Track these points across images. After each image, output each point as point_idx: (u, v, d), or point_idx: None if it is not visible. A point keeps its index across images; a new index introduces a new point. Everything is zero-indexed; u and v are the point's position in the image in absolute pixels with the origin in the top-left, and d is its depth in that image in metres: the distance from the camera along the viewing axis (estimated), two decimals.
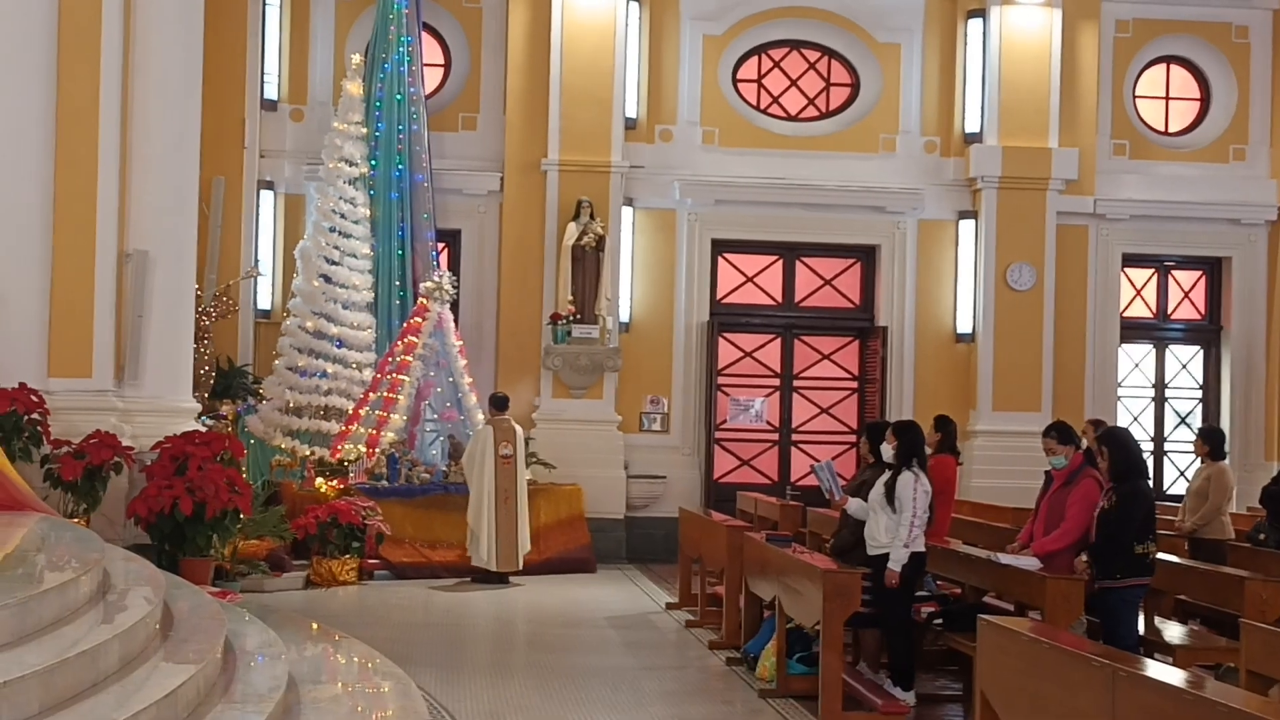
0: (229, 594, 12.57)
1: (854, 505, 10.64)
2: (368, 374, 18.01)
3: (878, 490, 10.11)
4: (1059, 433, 10.33)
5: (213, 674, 7.68)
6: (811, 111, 20.46)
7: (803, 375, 20.51)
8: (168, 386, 14.43)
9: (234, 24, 18.36)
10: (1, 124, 13.29)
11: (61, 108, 13.46)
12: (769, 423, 20.41)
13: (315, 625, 11.99)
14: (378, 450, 16.95)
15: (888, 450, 10.19)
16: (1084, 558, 9.41)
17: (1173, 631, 10.46)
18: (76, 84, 13.49)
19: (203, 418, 15.64)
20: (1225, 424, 19.91)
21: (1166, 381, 21.15)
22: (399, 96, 18.88)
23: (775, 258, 20.46)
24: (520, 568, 16.01)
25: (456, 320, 18.36)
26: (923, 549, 10.01)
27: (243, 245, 18.84)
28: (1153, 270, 21.07)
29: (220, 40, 17.35)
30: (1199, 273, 21.13)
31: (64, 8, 13.47)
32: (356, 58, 18.79)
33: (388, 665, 10.06)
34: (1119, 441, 9.52)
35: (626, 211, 19.50)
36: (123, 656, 7.08)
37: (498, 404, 16.47)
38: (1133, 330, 20.87)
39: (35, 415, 12.69)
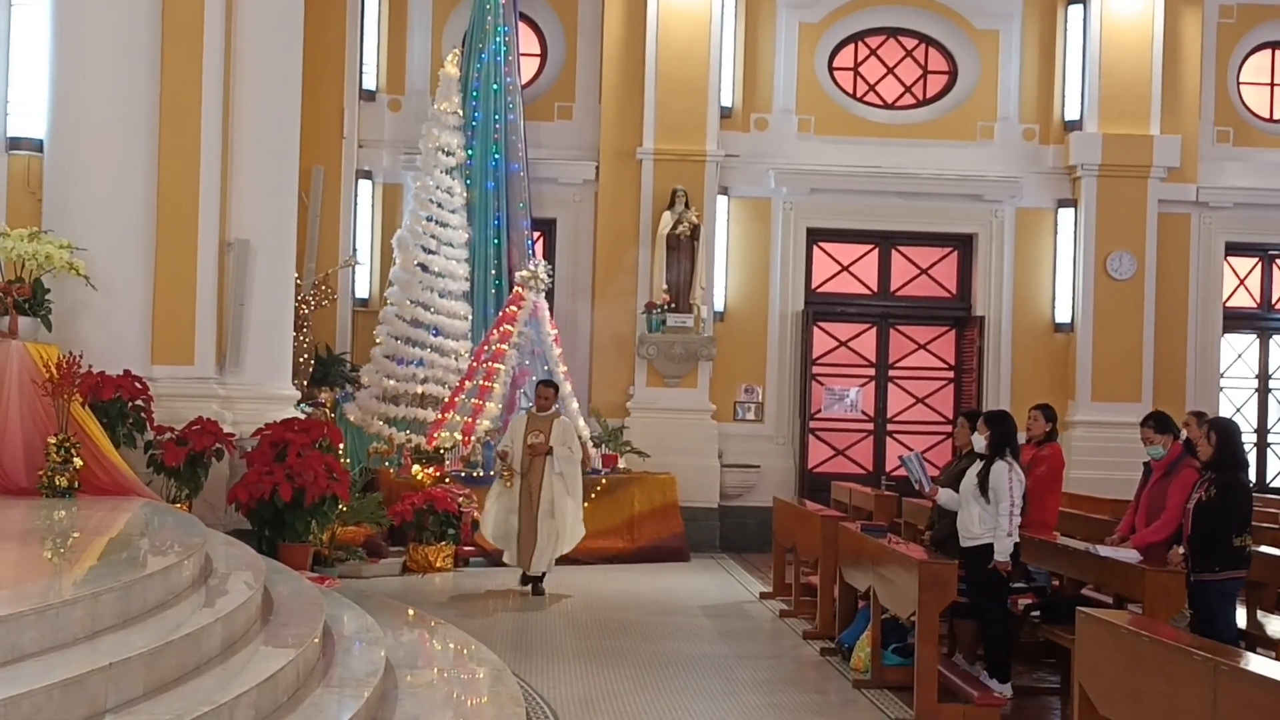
0: (327, 579, 12.71)
1: (944, 496, 10.55)
2: (464, 362, 18.11)
3: (969, 481, 10.01)
4: (1156, 422, 10.26)
5: (312, 658, 7.78)
6: (908, 99, 20.33)
7: (898, 365, 20.39)
8: (268, 374, 14.61)
9: (333, 15, 18.55)
10: (106, 117, 13.48)
11: (164, 100, 13.65)
12: (864, 412, 20.31)
13: (412, 611, 12.10)
14: (473, 438, 17.04)
15: (979, 440, 10.11)
16: (1180, 549, 9.29)
17: (1275, 625, 10.31)
18: (179, 76, 13.66)
19: (302, 405, 15.80)
20: None
21: (1270, 372, 20.81)
22: (495, 86, 18.96)
23: (871, 246, 20.35)
24: (535, 571, 14.12)
25: (551, 309, 18.43)
26: (1016, 539, 9.92)
27: (341, 234, 19.05)
28: (1257, 259, 20.73)
29: (319, 31, 17.49)
30: None
31: (167, 2, 13.66)
32: (454, 50, 18.90)
33: (483, 651, 10.14)
34: (1227, 432, 9.35)
35: (721, 200, 19.48)
36: (224, 640, 7.20)
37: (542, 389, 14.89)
38: (1236, 320, 20.56)
39: (139, 402, 12.84)
